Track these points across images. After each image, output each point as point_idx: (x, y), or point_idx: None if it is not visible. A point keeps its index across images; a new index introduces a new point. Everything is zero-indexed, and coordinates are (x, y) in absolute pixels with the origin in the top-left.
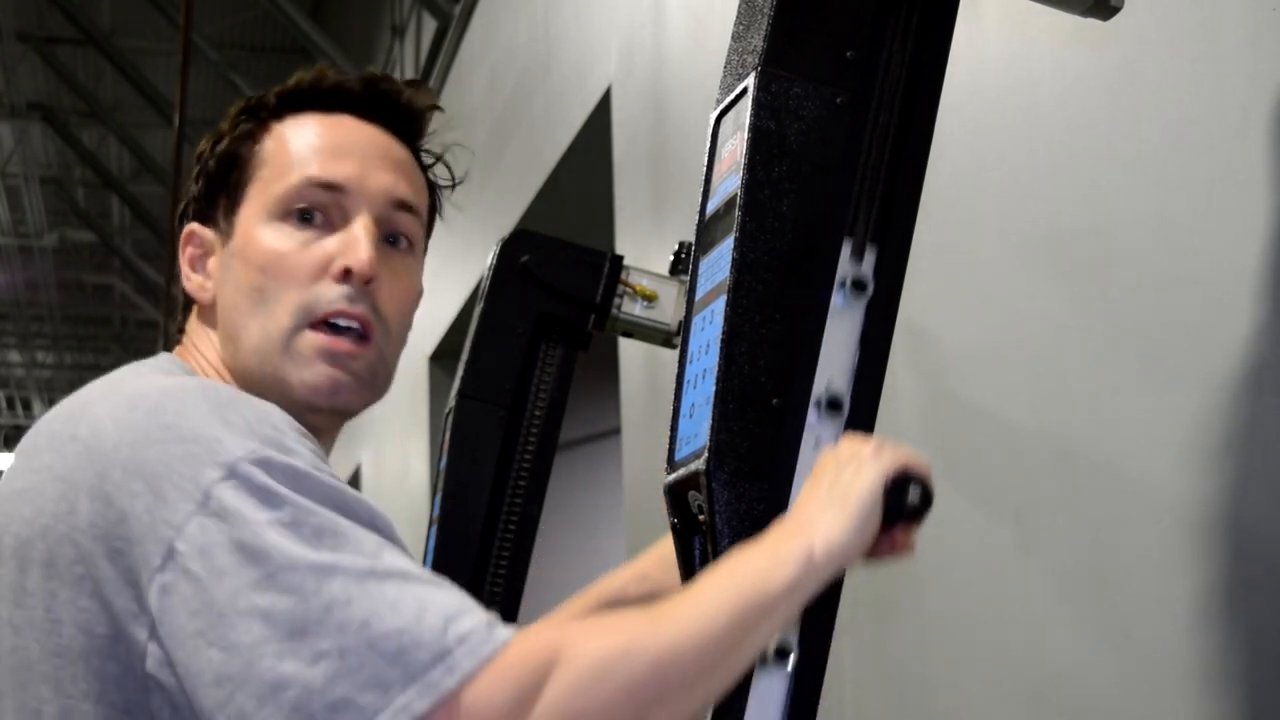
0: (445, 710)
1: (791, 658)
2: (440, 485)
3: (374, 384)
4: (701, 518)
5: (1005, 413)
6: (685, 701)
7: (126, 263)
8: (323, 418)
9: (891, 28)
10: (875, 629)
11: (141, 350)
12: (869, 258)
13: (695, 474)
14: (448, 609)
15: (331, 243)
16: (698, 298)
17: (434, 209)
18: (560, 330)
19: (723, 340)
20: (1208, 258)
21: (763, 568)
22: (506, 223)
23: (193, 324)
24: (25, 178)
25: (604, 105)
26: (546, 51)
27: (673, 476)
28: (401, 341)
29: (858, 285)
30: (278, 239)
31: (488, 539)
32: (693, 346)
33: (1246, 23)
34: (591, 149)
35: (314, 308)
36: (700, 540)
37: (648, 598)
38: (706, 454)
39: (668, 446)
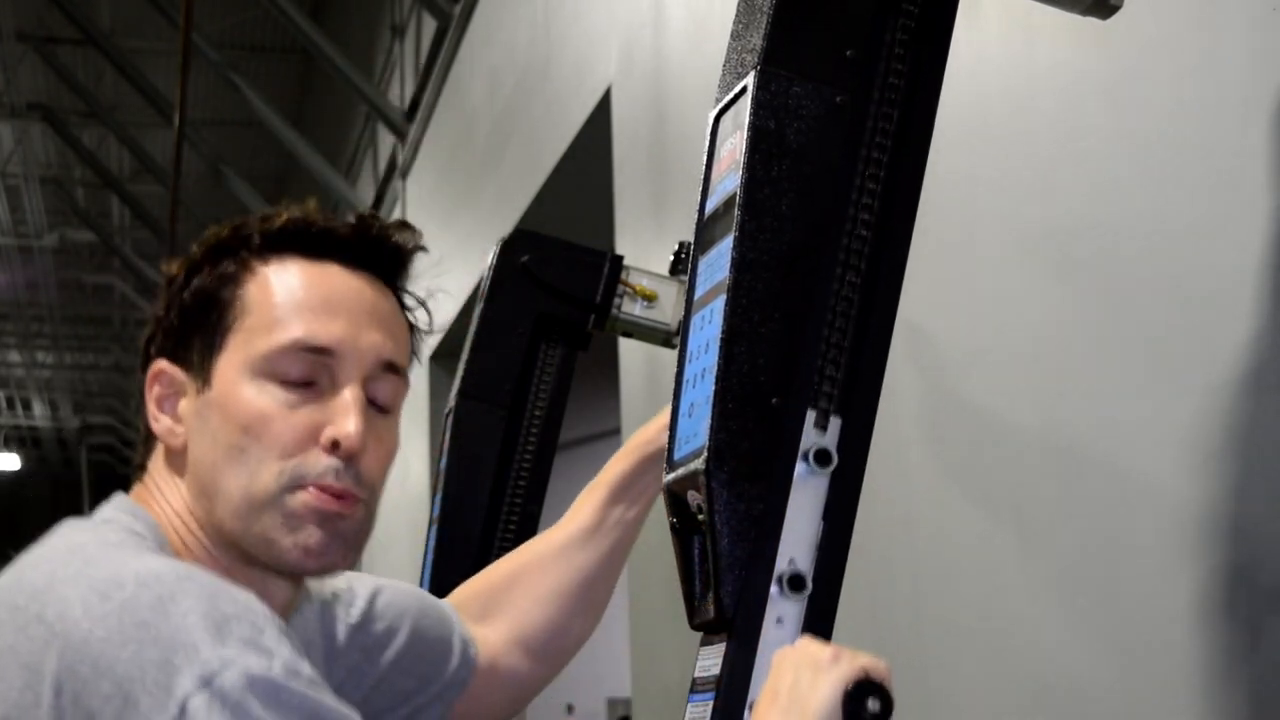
0: None
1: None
2: (440, 485)
3: (357, 545)
4: (701, 517)
5: (1005, 413)
6: None
7: (126, 263)
8: (308, 575)
9: (891, 27)
10: (875, 629)
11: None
12: (833, 427)
13: (694, 473)
14: None
15: (319, 411)
16: (697, 297)
17: (413, 354)
18: (560, 330)
19: (722, 339)
20: (1208, 258)
21: None
22: (506, 223)
23: (157, 466)
24: (25, 178)
25: (604, 105)
26: (546, 52)
27: (672, 476)
28: (379, 500)
29: (821, 457)
30: (262, 399)
31: (488, 539)
32: (692, 346)
33: (1246, 23)
34: (591, 149)
35: (305, 475)
36: (700, 540)
37: (653, 470)
38: (706, 453)
39: (667, 446)
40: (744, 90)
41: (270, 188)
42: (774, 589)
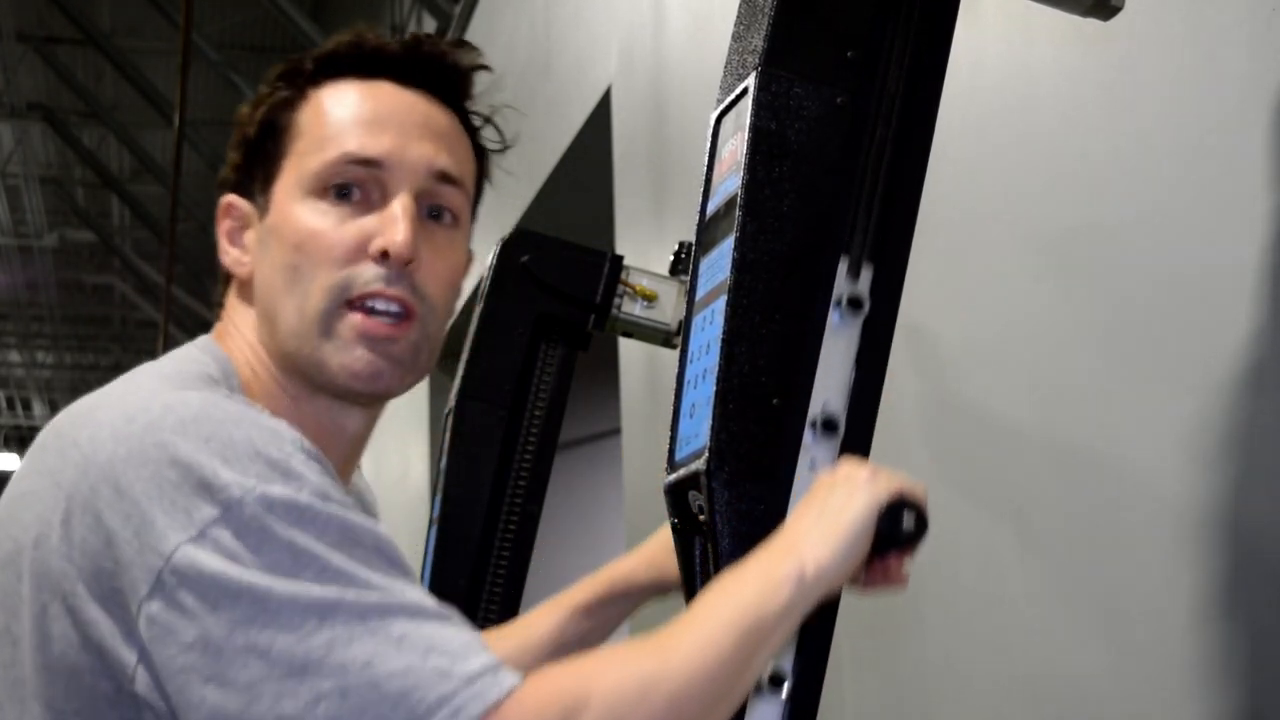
0: None
1: (786, 685)
2: (440, 485)
3: (415, 365)
4: (701, 518)
5: (1005, 413)
6: None
7: (126, 263)
8: (363, 400)
9: (891, 28)
10: (874, 629)
11: (141, 350)
12: (865, 275)
13: (695, 474)
14: (455, 649)
15: (369, 221)
16: (698, 298)
17: (482, 174)
18: (560, 330)
19: (723, 340)
20: (1208, 258)
21: (758, 590)
22: (506, 223)
23: (232, 300)
24: (25, 178)
25: (604, 105)
26: (546, 51)
27: (673, 476)
28: (447, 316)
29: (854, 303)
30: (314, 216)
31: (488, 539)
32: (693, 346)
33: (1246, 23)
34: (591, 149)
35: (349, 288)
36: (700, 540)
37: (657, 584)
38: (707, 454)
39: (668, 446)
40: (745, 91)
41: None
42: (808, 433)
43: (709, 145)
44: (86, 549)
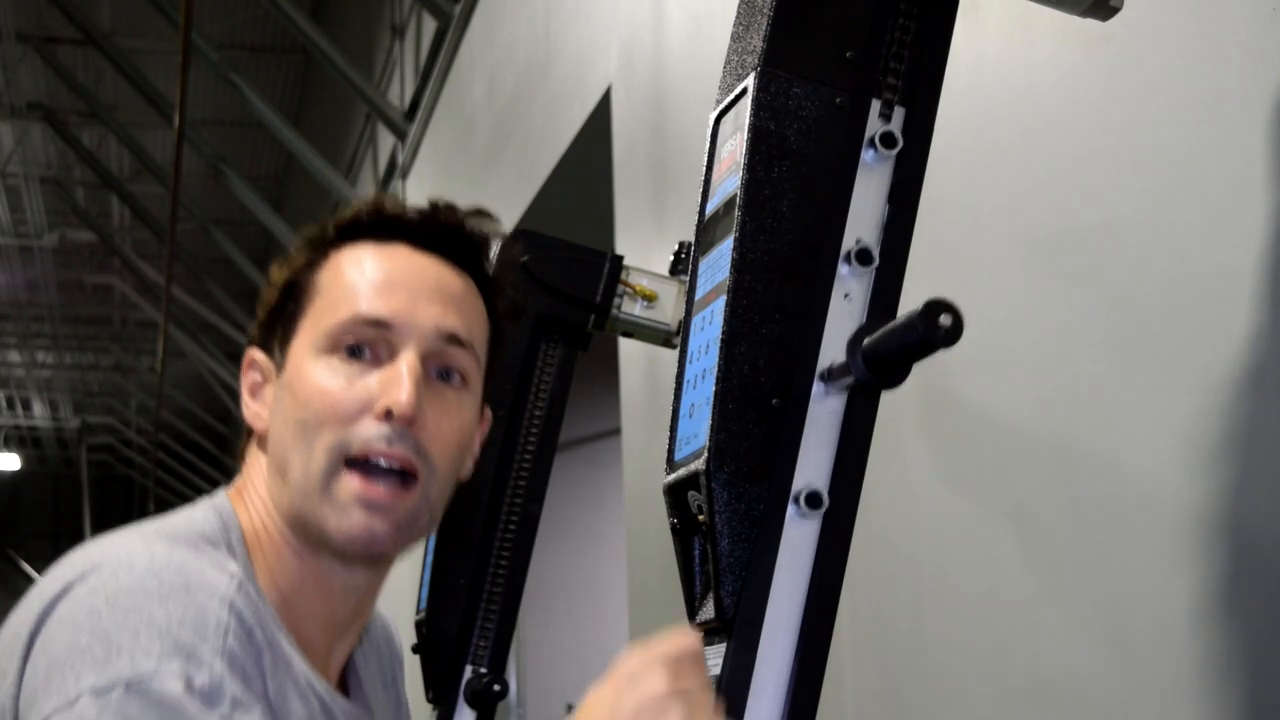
0: None
1: (824, 506)
2: None
3: (414, 530)
4: (701, 518)
5: (1005, 413)
6: None
7: (126, 263)
8: (360, 562)
9: (891, 28)
10: (875, 629)
11: (141, 350)
12: (898, 116)
13: (695, 474)
14: None
15: (374, 380)
16: (697, 298)
17: (499, 337)
18: (560, 330)
19: (723, 340)
20: (1208, 258)
21: None
22: (507, 223)
23: (252, 452)
24: (25, 178)
25: (604, 105)
26: (546, 52)
27: (672, 476)
28: (452, 477)
29: (887, 140)
30: (324, 374)
31: (488, 539)
32: (693, 346)
33: (1246, 23)
34: (591, 149)
35: (349, 446)
36: (700, 540)
37: None
38: (706, 454)
39: (668, 446)
40: (744, 91)
41: (270, 188)
42: (842, 266)
43: (708, 145)
44: (9, 699)
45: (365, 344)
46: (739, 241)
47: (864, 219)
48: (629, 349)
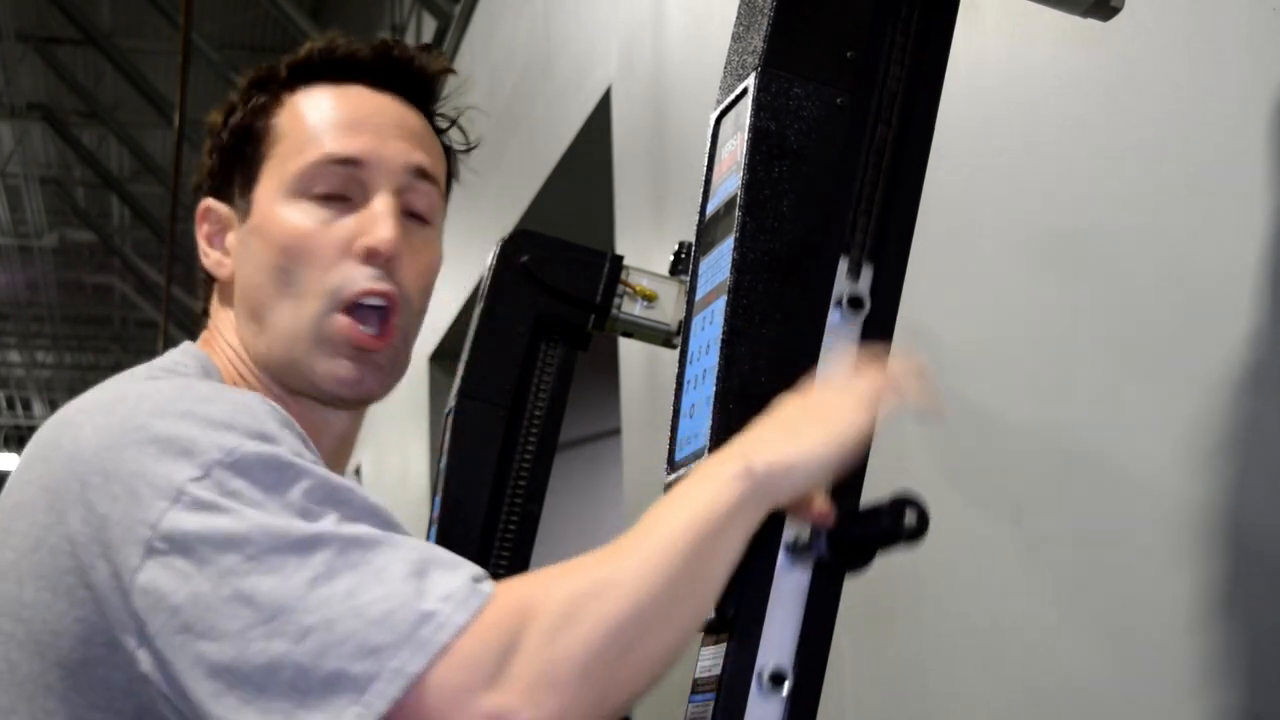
0: (440, 666)
1: (787, 684)
2: (440, 485)
3: (395, 369)
4: None
5: (1005, 412)
6: (663, 635)
7: (126, 263)
8: (347, 405)
9: (891, 28)
10: (875, 629)
11: (141, 350)
12: (865, 275)
13: (682, 478)
14: (430, 569)
15: (353, 221)
16: (698, 298)
17: (450, 175)
18: (560, 330)
19: (723, 340)
20: (1208, 258)
21: (707, 490)
22: (506, 223)
23: (215, 306)
24: (25, 178)
25: (604, 105)
26: (547, 51)
27: (673, 476)
28: (422, 316)
29: (854, 302)
30: (299, 217)
31: (488, 539)
32: (693, 346)
33: (1245, 23)
34: (591, 149)
35: (341, 290)
36: None
37: None
38: (706, 454)
39: (668, 446)
40: (745, 92)
41: None
42: None
43: (709, 145)
44: (84, 540)
45: (337, 184)
46: (739, 242)
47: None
48: (629, 349)
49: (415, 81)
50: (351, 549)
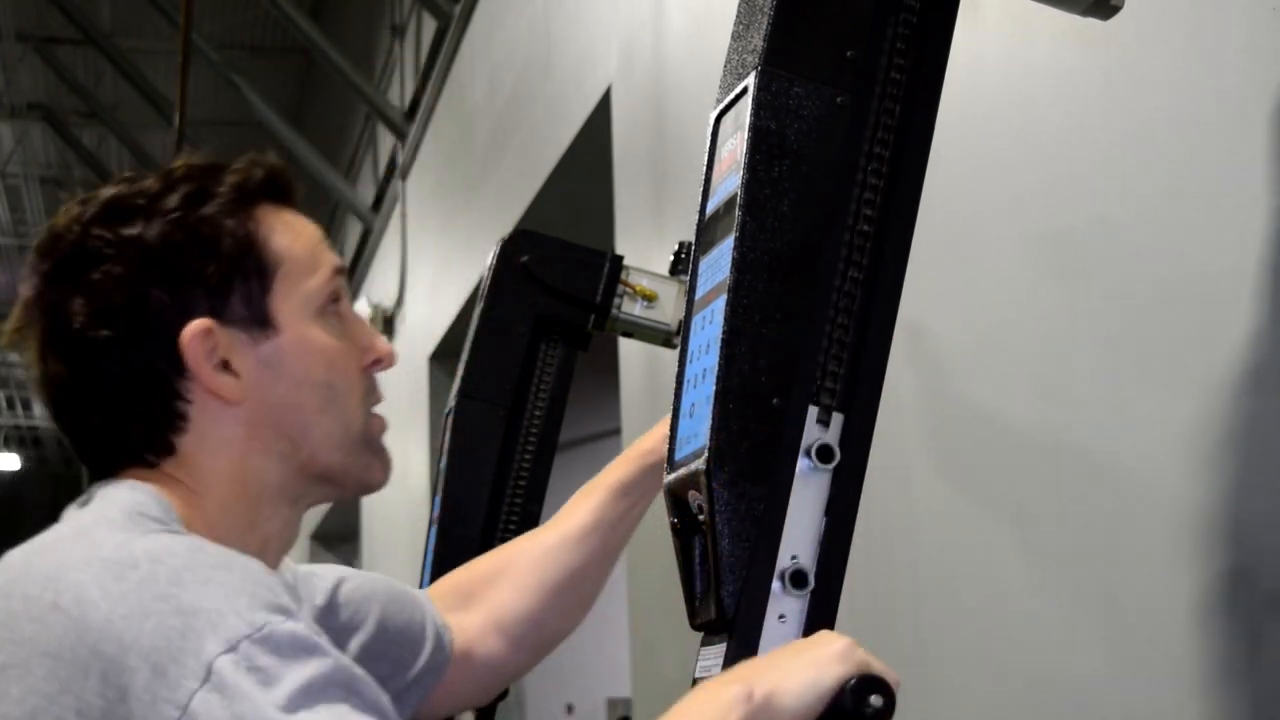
0: None
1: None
2: (440, 485)
3: None
4: (701, 518)
5: (1005, 413)
6: None
7: None
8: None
9: (891, 28)
10: (875, 628)
11: None
12: (835, 423)
13: (695, 474)
14: None
15: (353, 334)
16: (698, 297)
17: None
18: (560, 330)
19: (723, 340)
20: (1208, 258)
21: (707, 713)
22: (506, 223)
23: (197, 430)
24: (25, 178)
25: (604, 105)
26: (547, 51)
27: (673, 476)
28: None
29: (823, 453)
30: (329, 336)
31: (488, 539)
32: (693, 346)
33: (1246, 22)
34: (591, 149)
35: (369, 396)
36: (700, 540)
37: (653, 477)
38: (706, 454)
39: (668, 446)
40: (744, 91)
41: None
42: (776, 585)
43: (709, 145)
44: (94, 712)
45: (340, 295)
46: (739, 241)
47: (799, 534)
48: (629, 349)
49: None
50: None
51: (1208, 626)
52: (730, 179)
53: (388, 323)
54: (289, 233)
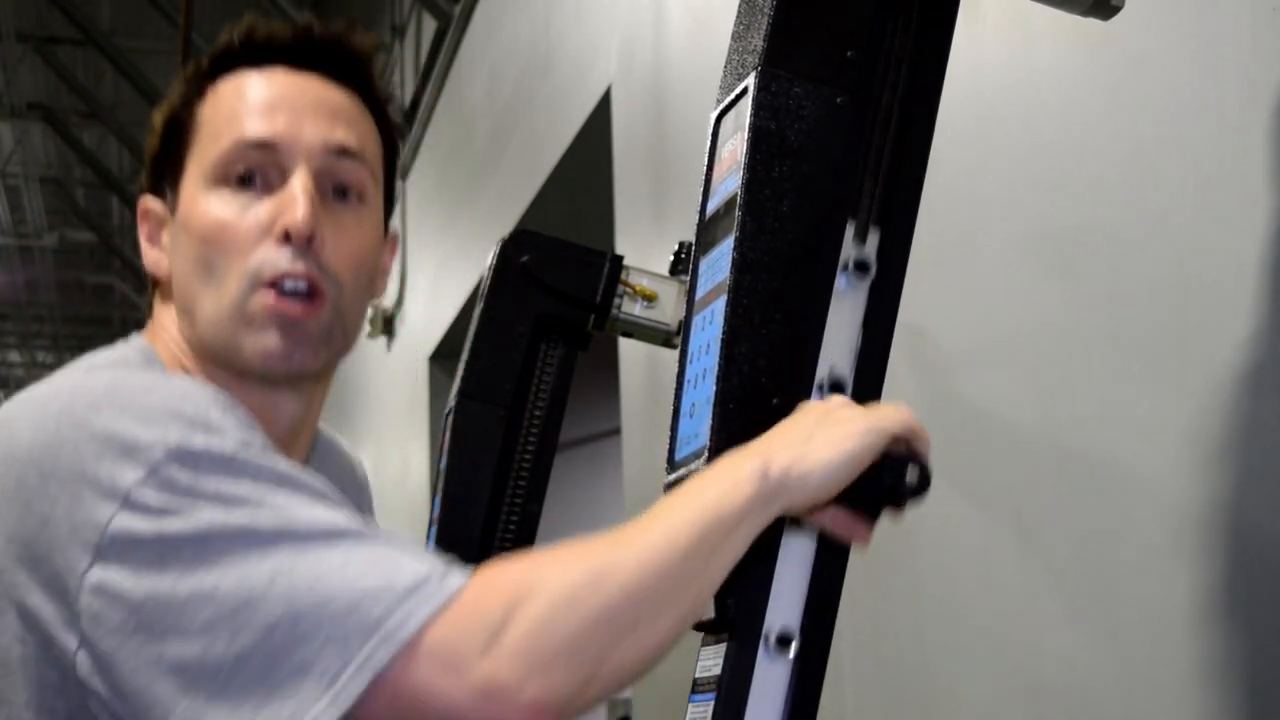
0: (409, 657)
1: (794, 645)
2: (440, 485)
3: (330, 342)
4: None
5: (1005, 413)
6: (656, 626)
7: (126, 263)
8: (283, 383)
9: (891, 28)
10: (875, 628)
11: None
12: (872, 239)
13: (695, 474)
14: (397, 560)
15: (271, 204)
16: (698, 298)
17: (393, 151)
18: (560, 330)
19: (723, 340)
20: (1208, 258)
21: (719, 488)
22: (506, 223)
23: (157, 301)
24: (25, 178)
25: (604, 105)
26: (547, 51)
27: (673, 476)
28: (360, 295)
29: (860, 267)
30: (218, 206)
31: (488, 539)
32: (693, 346)
33: (1246, 22)
34: (591, 149)
35: (259, 273)
36: None
37: None
38: (707, 454)
39: (668, 446)
40: (745, 91)
41: None
42: (815, 394)
43: (709, 145)
44: (20, 538)
45: (254, 170)
46: (739, 241)
47: (837, 348)
48: (629, 349)
49: (339, 60)
50: (312, 542)
51: (1208, 626)
52: (730, 179)
53: (388, 323)
54: (216, 100)
